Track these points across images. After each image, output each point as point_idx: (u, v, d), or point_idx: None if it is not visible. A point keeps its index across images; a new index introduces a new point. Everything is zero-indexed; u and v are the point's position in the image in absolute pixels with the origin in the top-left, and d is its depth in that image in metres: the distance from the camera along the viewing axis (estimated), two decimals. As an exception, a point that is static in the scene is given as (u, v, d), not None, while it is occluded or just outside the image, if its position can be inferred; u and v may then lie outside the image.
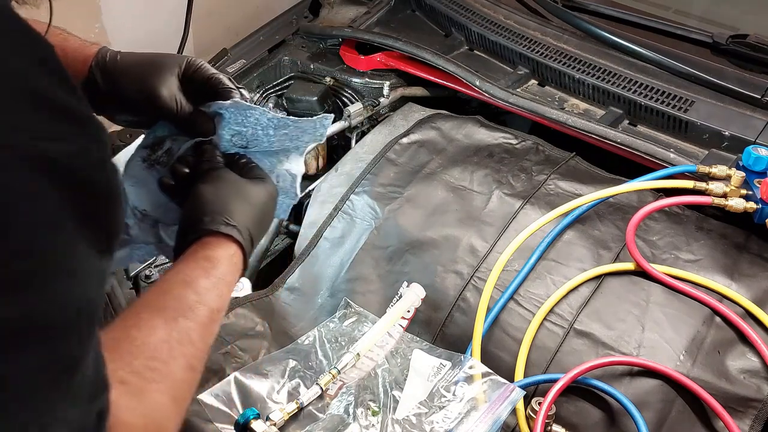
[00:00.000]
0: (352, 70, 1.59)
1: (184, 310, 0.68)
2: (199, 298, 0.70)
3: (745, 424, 0.96)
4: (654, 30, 1.45)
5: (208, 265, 0.73)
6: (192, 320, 0.68)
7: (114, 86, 0.83)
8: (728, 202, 1.10)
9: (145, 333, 0.64)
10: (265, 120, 0.83)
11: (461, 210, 1.23)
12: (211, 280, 0.72)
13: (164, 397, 0.62)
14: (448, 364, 1.03)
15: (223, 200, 0.79)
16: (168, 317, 0.67)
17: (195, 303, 0.69)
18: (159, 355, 0.64)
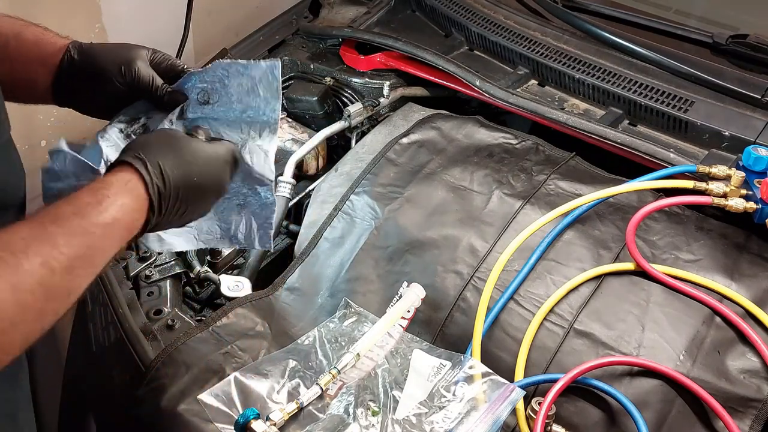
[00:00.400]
0: (352, 70, 1.59)
1: (54, 218, 0.69)
2: (75, 209, 0.70)
3: (745, 424, 0.96)
4: (654, 30, 1.45)
5: (95, 187, 0.74)
6: (61, 227, 0.68)
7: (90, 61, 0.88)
8: (728, 202, 1.10)
9: (8, 232, 0.65)
10: (220, 71, 0.90)
11: (461, 210, 1.23)
12: (95, 197, 0.72)
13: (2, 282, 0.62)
14: (448, 364, 1.03)
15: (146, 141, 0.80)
16: (36, 222, 0.68)
17: (69, 214, 0.69)
18: (10, 247, 0.64)
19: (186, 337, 1.06)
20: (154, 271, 1.22)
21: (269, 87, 0.90)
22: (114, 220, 0.72)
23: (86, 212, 0.71)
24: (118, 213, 0.73)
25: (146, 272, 1.22)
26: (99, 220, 0.71)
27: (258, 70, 0.90)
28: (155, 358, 1.03)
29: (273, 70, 0.90)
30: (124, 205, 0.74)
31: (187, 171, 0.80)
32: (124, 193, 0.74)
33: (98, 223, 0.71)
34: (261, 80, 0.90)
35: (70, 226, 0.69)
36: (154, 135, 0.84)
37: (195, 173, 0.81)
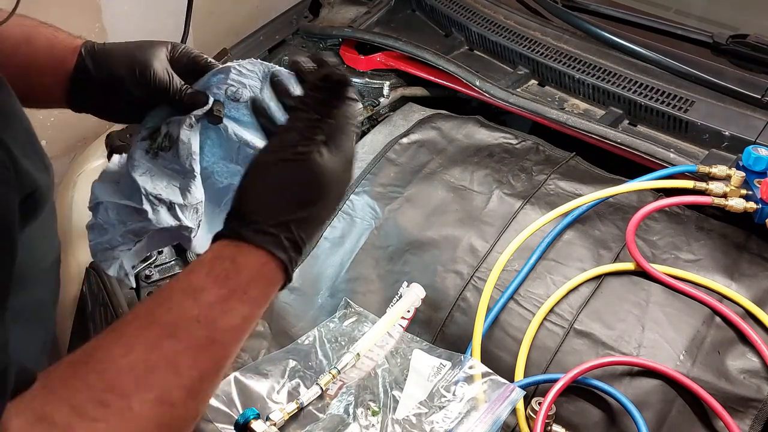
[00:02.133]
0: (352, 70, 1.59)
1: (174, 328, 0.56)
2: (200, 313, 0.57)
3: (745, 424, 0.96)
4: (654, 30, 1.44)
5: (224, 273, 0.60)
6: (183, 341, 0.56)
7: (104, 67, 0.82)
8: (728, 202, 1.10)
9: (116, 354, 0.54)
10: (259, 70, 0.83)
11: (461, 210, 1.23)
12: (223, 291, 0.59)
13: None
14: (448, 364, 1.03)
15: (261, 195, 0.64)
16: (151, 336, 0.55)
17: (192, 320, 0.57)
18: (119, 385, 0.52)
19: (186, 337, 1.06)
20: (154, 271, 1.22)
21: None
22: (245, 320, 0.59)
23: (213, 317, 0.57)
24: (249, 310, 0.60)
25: (146, 272, 1.22)
26: (228, 325, 0.58)
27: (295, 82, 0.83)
28: (155, 358, 1.03)
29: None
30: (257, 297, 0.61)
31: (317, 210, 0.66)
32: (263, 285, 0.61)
33: (227, 329, 0.58)
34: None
35: (191, 338, 0.56)
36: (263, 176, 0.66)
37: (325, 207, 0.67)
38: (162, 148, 0.83)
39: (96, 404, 0.51)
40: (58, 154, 1.73)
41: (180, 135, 0.82)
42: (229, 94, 0.83)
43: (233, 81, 0.83)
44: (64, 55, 0.83)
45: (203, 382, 0.57)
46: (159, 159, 0.83)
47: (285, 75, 0.83)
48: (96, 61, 0.82)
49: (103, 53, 0.83)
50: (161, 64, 0.82)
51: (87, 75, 0.82)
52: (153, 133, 0.85)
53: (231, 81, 0.83)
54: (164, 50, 0.83)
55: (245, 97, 0.83)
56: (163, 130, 0.84)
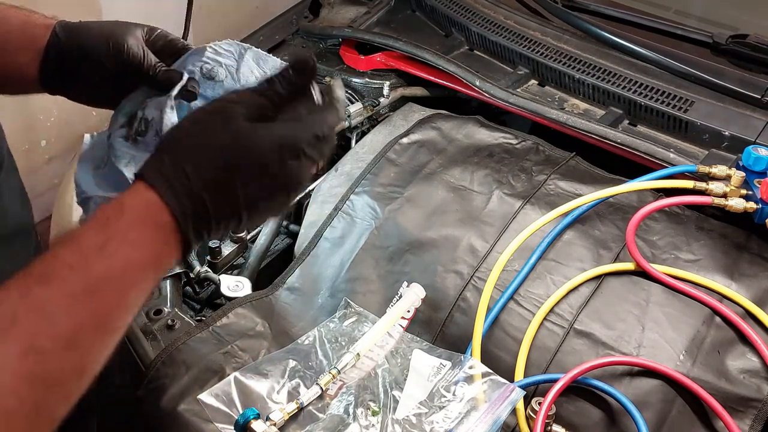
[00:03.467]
0: (352, 70, 1.59)
1: (47, 276, 0.53)
2: (75, 259, 0.54)
3: (745, 424, 0.96)
4: (654, 30, 1.45)
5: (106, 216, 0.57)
6: (54, 288, 0.53)
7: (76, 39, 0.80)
8: (728, 202, 1.10)
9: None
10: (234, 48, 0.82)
11: (461, 210, 1.23)
12: (101, 236, 0.55)
13: None
14: (448, 364, 1.03)
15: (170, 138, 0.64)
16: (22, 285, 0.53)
17: (64, 266, 0.54)
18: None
19: (186, 337, 1.06)
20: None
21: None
22: (130, 264, 0.56)
23: (88, 262, 0.54)
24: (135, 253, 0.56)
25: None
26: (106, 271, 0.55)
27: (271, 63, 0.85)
28: (155, 358, 1.03)
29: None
30: (139, 240, 0.57)
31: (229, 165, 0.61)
32: (141, 224, 0.57)
33: (105, 276, 0.55)
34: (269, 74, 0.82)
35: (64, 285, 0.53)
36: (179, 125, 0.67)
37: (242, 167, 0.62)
38: (139, 133, 0.81)
39: None
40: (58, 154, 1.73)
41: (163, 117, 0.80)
42: (204, 72, 0.82)
43: (208, 59, 0.82)
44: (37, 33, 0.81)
45: (81, 331, 0.53)
46: (140, 144, 0.82)
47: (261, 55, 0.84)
48: (69, 35, 0.80)
49: (77, 27, 0.81)
50: (136, 41, 0.80)
51: (59, 50, 0.80)
52: (130, 119, 0.83)
53: (206, 59, 0.82)
54: (140, 30, 0.82)
55: (221, 76, 0.82)
56: (139, 114, 0.82)
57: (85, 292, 0.54)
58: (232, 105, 0.66)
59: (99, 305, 0.55)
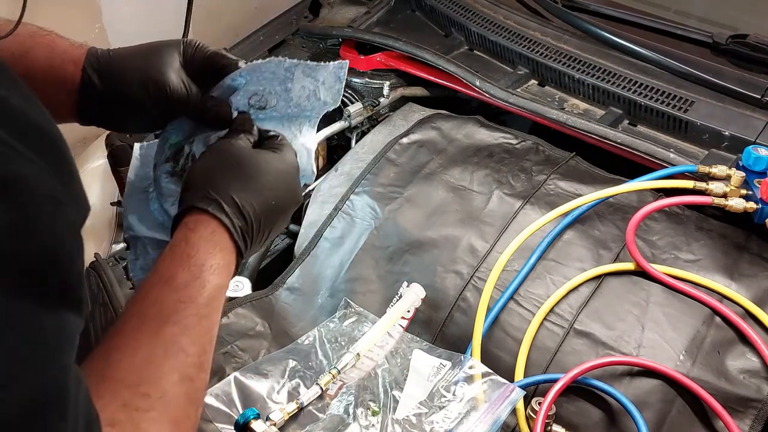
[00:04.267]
0: (352, 70, 1.59)
1: (166, 315, 0.61)
2: (180, 296, 0.63)
3: (745, 424, 0.96)
4: (654, 30, 1.45)
5: (185, 254, 0.65)
6: (177, 324, 0.61)
7: (113, 84, 0.75)
8: (728, 202, 1.10)
9: (129, 354, 0.59)
10: (282, 71, 0.77)
11: (461, 210, 1.23)
12: (191, 272, 0.64)
13: (162, 425, 0.57)
14: (448, 364, 1.03)
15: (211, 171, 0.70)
16: (150, 328, 0.60)
17: (176, 303, 0.62)
18: (147, 377, 0.58)
19: (186, 337, 1.06)
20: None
21: (331, 89, 0.81)
22: (217, 288, 0.65)
23: (191, 295, 0.63)
24: (217, 279, 0.65)
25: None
26: (205, 299, 0.63)
27: (324, 72, 0.80)
28: (155, 358, 1.03)
29: (339, 71, 0.80)
30: (218, 266, 0.65)
31: (265, 196, 0.70)
32: (214, 252, 0.65)
33: (206, 303, 0.63)
34: (325, 82, 0.80)
35: (182, 320, 0.61)
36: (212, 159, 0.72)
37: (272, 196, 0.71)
38: (185, 170, 0.79)
39: (140, 397, 0.56)
40: (58, 154, 1.73)
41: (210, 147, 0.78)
42: (253, 104, 0.78)
43: (256, 88, 0.78)
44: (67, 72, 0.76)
45: (205, 353, 0.63)
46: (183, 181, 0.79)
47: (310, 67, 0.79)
48: (103, 78, 0.75)
49: (110, 65, 0.76)
50: (176, 75, 0.76)
51: (95, 92, 0.76)
52: (176, 153, 0.80)
53: (253, 88, 0.78)
54: (176, 54, 0.77)
55: (272, 104, 0.79)
56: (186, 150, 0.80)
57: (198, 321, 0.63)
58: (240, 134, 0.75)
59: (208, 328, 0.64)
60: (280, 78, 0.79)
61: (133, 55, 0.77)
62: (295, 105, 0.81)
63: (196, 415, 0.62)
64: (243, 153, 0.73)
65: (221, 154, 0.73)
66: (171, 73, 0.75)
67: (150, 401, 0.57)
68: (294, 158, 0.77)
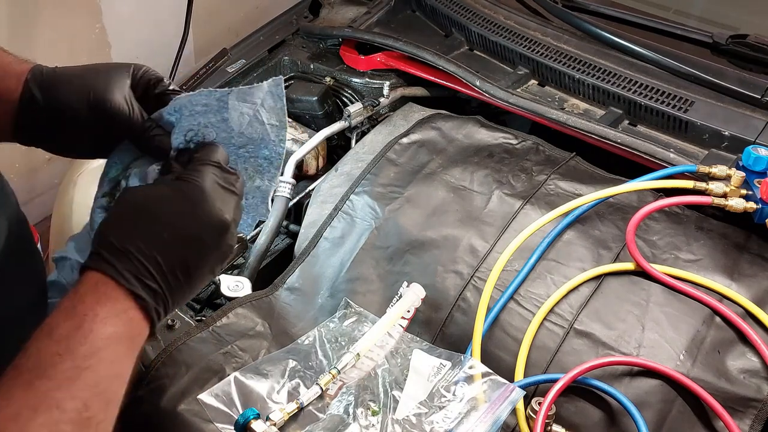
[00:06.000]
0: (352, 70, 1.59)
1: (42, 368, 0.56)
2: (59, 348, 0.58)
3: (745, 424, 0.96)
4: (654, 30, 1.45)
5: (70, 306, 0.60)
6: (52, 379, 0.56)
7: (55, 99, 0.73)
8: (728, 202, 1.10)
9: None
10: (214, 101, 0.75)
11: (461, 210, 1.23)
12: (73, 321, 0.59)
13: None
14: (448, 364, 1.03)
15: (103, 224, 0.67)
16: (23, 382, 0.56)
17: (53, 356, 0.57)
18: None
19: (186, 337, 1.06)
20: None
21: (273, 110, 0.78)
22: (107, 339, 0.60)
23: (70, 346, 0.58)
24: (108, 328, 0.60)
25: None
26: (88, 349, 0.59)
27: (260, 93, 0.77)
28: (155, 358, 1.03)
29: (275, 89, 0.77)
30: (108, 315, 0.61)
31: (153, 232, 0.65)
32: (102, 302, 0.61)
33: (90, 354, 0.58)
34: (263, 104, 0.77)
35: (63, 373, 0.57)
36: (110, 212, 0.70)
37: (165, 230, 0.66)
38: None
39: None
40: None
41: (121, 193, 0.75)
42: (189, 139, 0.76)
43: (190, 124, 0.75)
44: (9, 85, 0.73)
45: (89, 409, 0.57)
46: None
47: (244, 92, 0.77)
48: (45, 90, 0.73)
49: (54, 80, 0.74)
50: (121, 93, 0.74)
51: (34, 105, 0.73)
52: (113, 187, 0.79)
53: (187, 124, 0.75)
54: (125, 74, 0.75)
55: (210, 137, 0.76)
56: (123, 184, 0.78)
57: (78, 374, 0.57)
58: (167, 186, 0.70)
59: (93, 380, 0.58)
60: (214, 109, 0.76)
61: (80, 72, 0.75)
62: (239, 134, 0.78)
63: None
64: (136, 197, 0.68)
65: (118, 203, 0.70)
66: (115, 90, 0.74)
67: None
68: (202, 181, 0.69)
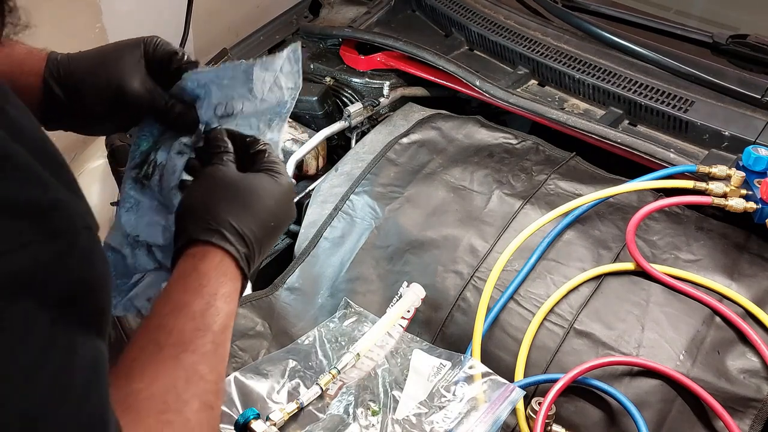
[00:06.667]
0: (352, 70, 1.59)
1: (184, 344, 0.62)
2: (197, 324, 0.63)
3: (745, 424, 0.96)
4: (654, 30, 1.44)
5: (197, 284, 0.66)
6: (195, 352, 0.62)
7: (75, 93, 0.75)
8: (728, 202, 1.10)
9: (149, 382, 0.59)
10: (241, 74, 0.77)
11: (461, 210, 1.23)
12: (204, 300, 0.65)
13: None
14: (448, 364, 1.03)
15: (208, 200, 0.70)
16: (169, 356, 0.61)
17: (193, 331, 0.63)
18: (170, 404, 0.58)
19: (186, 337, 1.06)
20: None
21: (291, 75, 0.81)
22: (228, 316, 0.66)
23: (207, 323, 0.64)
24: (228, 306, 0.67)
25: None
26: (219, 326, 0.65)
27: (280, 61, 0.79)
28: (155, 358, 1.03)
29: (294, 54, 0.80)
30: (228, 294, 0.67)
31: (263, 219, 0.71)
32: (224, 281, 0.67)
33: (221, 330, 0.65)
34: (282, 69, 0.80)
35: (200, 348, 0.62)
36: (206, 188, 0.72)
37: (271, 218, 0.72)
38: (147, 177, 0.80)
39: (162, 425, 0.57)
40: (58, 154, 1.73)
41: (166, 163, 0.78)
42: (219, 114, 0.78)
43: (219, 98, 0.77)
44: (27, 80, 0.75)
45: (221, 381, 0.64)
46: (147, 189, 0.80)
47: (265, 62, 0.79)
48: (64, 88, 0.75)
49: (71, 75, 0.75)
50: (137, 78, 0.75)
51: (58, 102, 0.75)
52: (144, 159, 0.80)
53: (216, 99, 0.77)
54: (137, 53, 0.77)
55: (237, 108, 0.78)
56: (152, 157, 0.80)
57: (215, 348, 0.64)
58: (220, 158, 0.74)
59: (225, 354, 0.65)
60: (241, 81, 0.78)
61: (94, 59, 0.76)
62: (261, 101, 0.80)
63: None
64: (235, 178, 0.72)
65: (214, 182, 0.72)
66: (130, 76, 0.75)
67: (173, 428, 0.57)
68: (288, 178, 0.76)
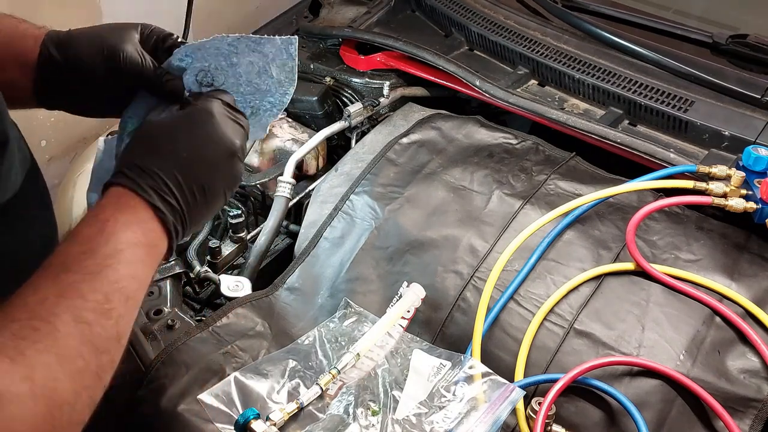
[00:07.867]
0: (352, 70, 1.59)
1: (66, 264, 0.64)
2: (83, 248, 0.65)
3: (745, 424, 0.96)
4: (654, 30, 1.45)
5: (92, 215, 0.68)
6: (77, 273, 0.64)
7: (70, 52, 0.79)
8: (728, 202, 1.10)
9: (26, 295, 0.62)
10: (226, 47, 0.79)
11: (461, 210, 1.23)
12: (95, 227, 0.67)
13: (47, 355, 0.59)
14: (448, 364, 1.03)
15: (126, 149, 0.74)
16: (49, 275, 0.63)
17: (79, 254, 0.65)
18: (38, 313, 0.60)
19: (186, 337, 1.06)
20: (154, 270, 1.22)
21: (283, 67, 0.81)
22: (127, 243, 0.67)
23: (93, 247, 0.65)
24: (128, 234, 0.67)
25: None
26: (110, 250, 0.66)
27: (272, 47, 0.79)
28: (155, 358, 1.03)
29: (288, 47, 0.80)
30: (128, 222, 0.68)
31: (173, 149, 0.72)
32: (122, 209, 0.68)
33: (111, 254, 0.66)
34: (275, 59, 0.80)
35: (86, 269, 0.64)
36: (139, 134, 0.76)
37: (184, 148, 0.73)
38: None
39: (29, 329, 0.59)
40: (58, 154, 1.73)
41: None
42: (201, 81, 0.80)
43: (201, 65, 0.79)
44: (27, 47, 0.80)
45: (109, 302, 0.64)
46: None
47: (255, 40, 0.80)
48: (61, 48, 0.79)
49: (69, 39, 0.80)
50: (132, 45, 0.80)
51: (53, 63, 0.79)
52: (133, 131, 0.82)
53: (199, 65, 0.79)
54: (134, 32, 0.82)
55: (219, 81, 0.80)
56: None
57: (101, 270, 0.65)
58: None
59: (114, 277, 0.65)
60: (225, 53, 0.79)
61: (93, 30, 0.82)
62: (247, 83, 0.81)
63: (98, 361, 0.63)
64: (154, 122, 0.76)
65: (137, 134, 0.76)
66: (127, 42, 0.80)
67: (38, 334, 0.59)
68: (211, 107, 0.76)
